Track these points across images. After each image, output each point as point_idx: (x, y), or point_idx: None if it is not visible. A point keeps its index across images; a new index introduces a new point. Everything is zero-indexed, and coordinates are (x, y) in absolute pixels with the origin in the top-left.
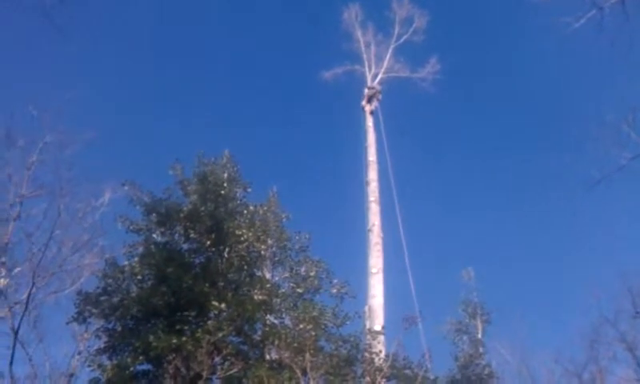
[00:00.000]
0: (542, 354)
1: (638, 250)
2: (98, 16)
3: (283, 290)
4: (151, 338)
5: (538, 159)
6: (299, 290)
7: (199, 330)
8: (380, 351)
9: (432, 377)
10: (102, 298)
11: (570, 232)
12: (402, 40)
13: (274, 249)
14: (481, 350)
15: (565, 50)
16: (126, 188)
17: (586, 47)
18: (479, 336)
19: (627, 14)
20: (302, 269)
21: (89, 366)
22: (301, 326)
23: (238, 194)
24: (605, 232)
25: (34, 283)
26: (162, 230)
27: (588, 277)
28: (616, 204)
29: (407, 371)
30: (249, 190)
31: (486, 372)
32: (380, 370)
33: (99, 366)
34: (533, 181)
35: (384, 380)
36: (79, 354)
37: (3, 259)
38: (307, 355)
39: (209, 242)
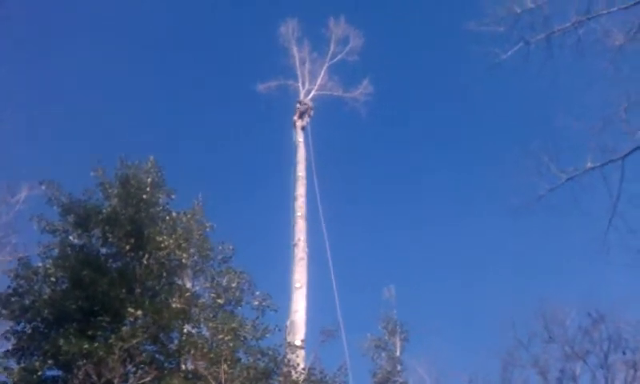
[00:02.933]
0: (458, 374)
1: (551, 277)
2: None
3: (203, 300)
4: (62, 341)
5: (465, 181)
6: (220, 301)
7: (112, 336)
8: (298, 364)
9: None
10: (13, 299)
11: (491, 254)
12: (336, 59)
13: (195, 258)
14: (398, 367)
15: (494, 79)
16: (43, 187)
17: (513, 77)
18: (397, 353)
19: (552, 51)
20: (224, 279)
21: None
22: (219, 336)
23: (160, 200)
24: (523, 257)
25: None
26: (79, 232)
27: (505, 299)
28: (535, 231)
29: None
30: (173, 196)
31: None
32: (296, 383)
33: (5, 369)
34: (458, 202)
35: None
36: None
37: None
38: (224, 366)
39: (127, 247)
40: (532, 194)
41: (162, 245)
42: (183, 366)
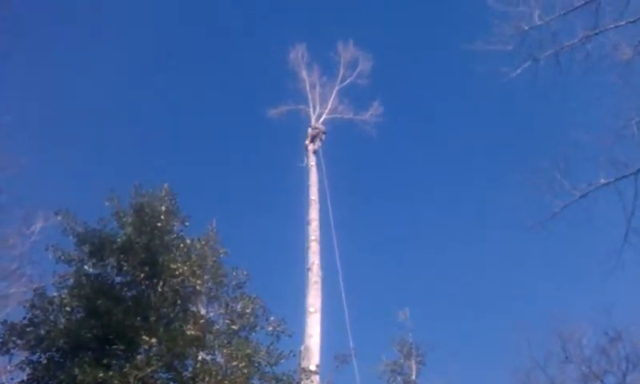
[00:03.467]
0: None
1: (566, 294)
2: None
3: (217, 327)
4: (77, 371)
5: (478, 198)
6: (234, 327)
7: (127, 365)
8: None
9: None
10: (28, 330)
11: (506, 273)
12: (346, 82)
13: (209, 284)
14: None
15: (502, 97)
16: (59, 217)
17: (522, 95)
18: (413, 377)
19: (561, 67)
20: (238, 305)
21: None
22: (233, 363)
23: (175, 228)
24: (540, 275)
25: None
26: (94, 261)
27: (521, 319)
28: (549, 247)
29: None
30: (186, 223)
31: None
32: None
33: None
34: (471, 220)
35: None
36: None
37: None
38: None
39: (142, 275)
40: (545, 212)
41: (177, 272)
42: None
